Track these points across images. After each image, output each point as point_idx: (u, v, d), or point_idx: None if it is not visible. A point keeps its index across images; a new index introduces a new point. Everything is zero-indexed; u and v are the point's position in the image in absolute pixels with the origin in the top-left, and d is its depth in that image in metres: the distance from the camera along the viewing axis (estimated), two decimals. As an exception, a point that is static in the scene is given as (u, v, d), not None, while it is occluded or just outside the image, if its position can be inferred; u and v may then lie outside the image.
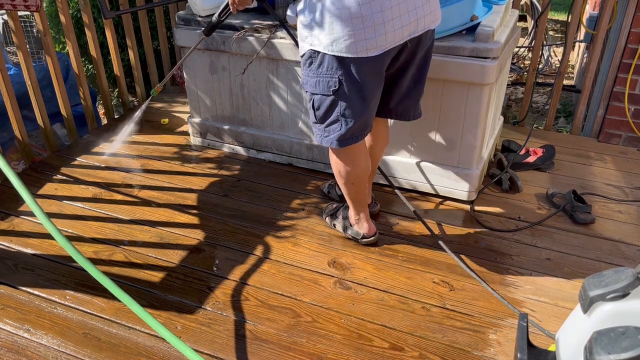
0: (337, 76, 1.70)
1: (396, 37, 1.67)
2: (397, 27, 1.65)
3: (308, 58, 1.75)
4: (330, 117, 1.80)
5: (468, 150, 2.34)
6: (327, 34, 1.64)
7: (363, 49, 1.64)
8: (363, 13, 1.59)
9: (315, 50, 1.70)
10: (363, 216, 2.15)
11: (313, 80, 1.76)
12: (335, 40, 1.64)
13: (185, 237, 2.25)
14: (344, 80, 1.70)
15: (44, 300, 1.93)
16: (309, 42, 1.71)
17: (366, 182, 2.06)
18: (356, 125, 1.81)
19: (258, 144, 2.76)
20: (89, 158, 2.82)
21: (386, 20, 1.62)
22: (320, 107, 1.80)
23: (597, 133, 3.05)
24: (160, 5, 3.34)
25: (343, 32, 1.62)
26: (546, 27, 5.06)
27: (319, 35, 1.66)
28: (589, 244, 2.22)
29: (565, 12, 6.26)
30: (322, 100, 1.78)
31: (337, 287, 1.99)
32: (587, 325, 1.10)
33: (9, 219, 2.34)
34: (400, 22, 1.65)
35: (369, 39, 1.63)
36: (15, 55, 4.42)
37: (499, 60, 2.16)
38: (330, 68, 1.70)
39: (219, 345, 1.76)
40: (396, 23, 1.64)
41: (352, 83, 1.71)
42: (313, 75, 1.75)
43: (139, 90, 3.45)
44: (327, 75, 1.71)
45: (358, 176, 1.98)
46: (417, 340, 1.78)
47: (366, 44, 1.63)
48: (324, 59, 1.70)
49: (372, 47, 1.64)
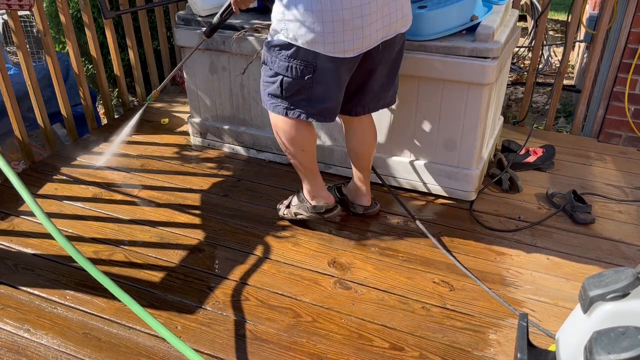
0: (312, 67, 1.79)
1: (371, 40, 1.77)
2: (373, 32, 1.74)
3: (279, 45, 1.80)
4: (297, 97, 1.88)
5: (468, 150, 2.34)
6: (307, 31, 1.70)
7: (341, 50, 1.73)
8: (344, 17, 1.66)
9: (290, 43, 1.76)
10: (319, 186, 2.17)
11: (283, 64, 1.82)
12: (315, 40, 1.71)
13: (185, 237, 2.25)
14: (318, 70, 1.79)
15: (44, 300, 1.93)
16: (285, 35, 1.76)
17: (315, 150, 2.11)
18: (323, 107, 1.90)
19: (258, 144, 2.76)
20: (89, 158, 2.82)
21: (364, 25, 1.70)
22: (289, 89, 1.87)
23: (597, 133, 3.05)
24: (160, 5, 3.34)
25: (323, 33, 1.69)
26: (546, 27, 5.06)
27: (298, 31, 1.72)
28: (589, 244, 2.22)
29: (565, 12, 6.26)
30: (292, 83, 1.85)
31: (337, 287, 1.99)
32: (587, 325, 1.10)
33: (9, 219, 2.34)
34: (376, 26, 1.74)
35: (347, 41, 1.71)
36: (15, 55, 4.42)
37: (499, 60, 2.16)
38: (305, 60, 1.78)
39: (219, 345, 1.76)
40: (372, 28, 1.73)
41: (325, 75, 1.81)
42: (284, 60, 1.81)
43: (139, 90, 3.45)
44: (301, 65, 1.79)
45: (309, 142, 2.03)
46: (418, 340, 1.78)
47: (344, 46, 1.72)
48: (299, 51, 1.77)
49: (349, 49, 1.73)
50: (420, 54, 2.19)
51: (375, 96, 2.04)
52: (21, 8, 2.50)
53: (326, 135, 2.58)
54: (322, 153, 2.62)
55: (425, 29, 2.17)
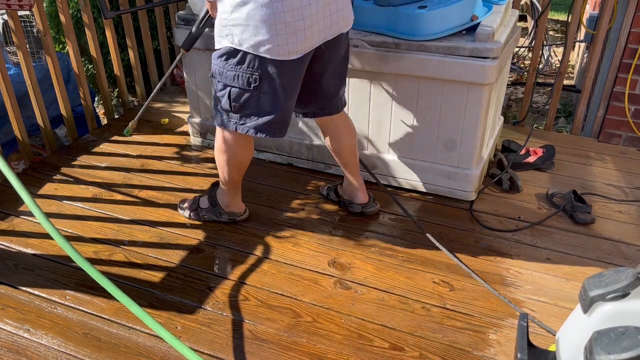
0: (258, 74, 1.79)
1: (314, 41, 1.80)
2: (315, 32, 1.77)
3: (225, 53, 1.81)
4: (247, 109, 1.89)
5: (468, 150, 2.34)
6: (252, 35, 1.72)
7: (285, 52, 1.75)
8: (287, 20, 1.69)
9: (236, 49, 1.77)
10: (238, 198, 2.27)
11: (231, 73, 1.82)
12: (260, 43, 1.72)
13: (185, 237, 2.25)
14: (264, 77, 1.80)
15: (44, 300, 1.93)
16: (230, 40, 1.77)
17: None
18: (273, 120, 1.90)
19: (258, 144, 2.76)
20: (89, 158, 2.82)
21: (307, 27, 1.73)
22: (238, 100, 1.87)
23: (597, 133, 3.05)
24: (160, 5, 3.34)
25: (268, 36, 1.71)
26: (546, 27, 5.06)
27: (242, 35, 1.73)
28: (589, 244, 2.22)
29: (565, 12, 6.26)
30: (240, 93, 1.85)
31: (337, 287, 1.99)
32: (587, 325, 1.10)
33: (9, 219, 2.34)
34: (318, 27, 1.77)
35: (291, 43, 1.73)
36: (15, 55, 4.43)
37: (499, 60, 2.16)
38: (251, 66, 1.78)
39: (219, 345, 1.76)
40: (314, 29, 1.76)
41: (272, 81, 1.81)
42: (231, 70, 1.82)
43: (139, 90, 3.45)
44: (247, 72, 1.80)
45: (245, 162, 2.12)
46: (417, 340, 1.78)
47: (288, 48, 1.74)
48: (245, 57, 1.78)
49: (293, 51, 1.75)
50: (420, 54, 2.19)
51: (330, 97, 2.07)
52: (21, 8, 2.50)
53: (326, 135, 2.58)
54: (322, 153, 2.62)
55: (425, 29, 2.17)
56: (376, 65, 2.27)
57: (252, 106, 1.87)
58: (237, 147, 2.04)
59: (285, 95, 1.87)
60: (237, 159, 2.08)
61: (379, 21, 2.28)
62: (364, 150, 2.53)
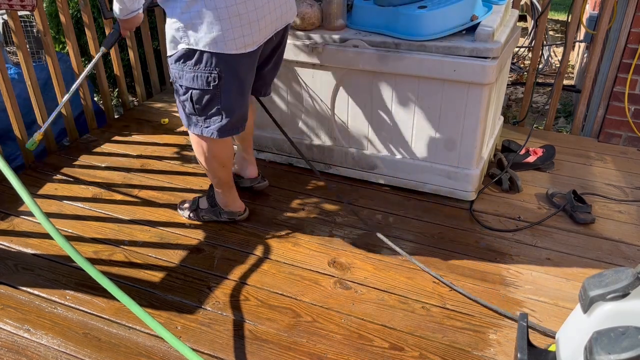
0: (217, 72, 1.80)
1: (267, 32, 1.83)
2: (268, 23, 1.81)
3: (182, 56, 1.81)
4: (210, 110, 1.90)
5: (468, 150, 2.34)
6: (206, 32, 1.72)
7: (242, 45, 1.76)
8: (240, 11, 1.70)
9: (192, 49, 1.77)
10: (234, 196, 2.27)
11: (190, 75, 1.83)
12: (215, 39, 1.73)
13: (185, 237, 2.25)
14: (223, 75, 1.80)
15: (44, 300, 1.93)
16: (186, 42, 1.77)
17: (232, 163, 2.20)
18: (236, 117, 1.93)
19: (258, 144, 2.76)
20: (89, 158, 2.82)
21: (259, 18, 1.75)
22: (200, 101, 1.88)
23: (597, 133, 3.05)
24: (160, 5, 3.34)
25: (223, 31, 1.71)
26: (546, 27, 5.06)
27: (196, 35, 1.74)
28: (589, 244, 2.22)
29: (565, 12, 6.26)
30: (201, 94, 1.86)
31: (337, 287, 1.99)
32: (587, 325, 1.10)
33: (9, 219, 2.34)
34: (271, 18, 1.80)
35: (246, 35, 1.75)
36: (15, 55, 4.43)
37: (499, 60, 2.16)
38: (209, 64, 1.78)
39: (219, 345, 1.76)
40: (267, 20, 1.79)
41: (231, 77, 1.83)
42: (189, 71, 1.82)
43: (139, 90, 3.45)
44: (205, 71, 1.80)
45: (228, 157, 2.12)
46: (417, 340, 1.78)
47: (244, 40, 1.75)
48: (202, 56, 1.78)
49: (249, 43, 1.77)
50: (420, 54, 2.19)
51: (264, 82, 2.14)
52: (23, 9, 2.50)
53: (326, 135, 2.58)
54: (322, 153, 2.62)
55: (425, 29, 2.17)
56: (376, 65, 2.27)
57: (215, 106, 1.88)
58: (214, 147, 2.05)
59: (244, 89, 1.91)
60: (218, 158, 2.09)
61: (379, 21, 2.28)
62: (364, 150, 2.53)
